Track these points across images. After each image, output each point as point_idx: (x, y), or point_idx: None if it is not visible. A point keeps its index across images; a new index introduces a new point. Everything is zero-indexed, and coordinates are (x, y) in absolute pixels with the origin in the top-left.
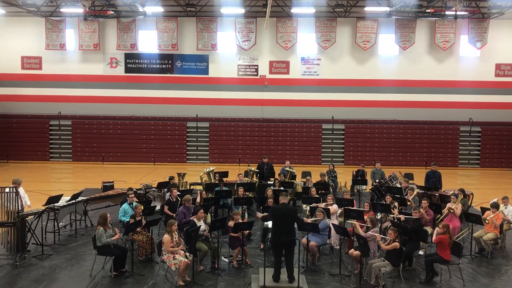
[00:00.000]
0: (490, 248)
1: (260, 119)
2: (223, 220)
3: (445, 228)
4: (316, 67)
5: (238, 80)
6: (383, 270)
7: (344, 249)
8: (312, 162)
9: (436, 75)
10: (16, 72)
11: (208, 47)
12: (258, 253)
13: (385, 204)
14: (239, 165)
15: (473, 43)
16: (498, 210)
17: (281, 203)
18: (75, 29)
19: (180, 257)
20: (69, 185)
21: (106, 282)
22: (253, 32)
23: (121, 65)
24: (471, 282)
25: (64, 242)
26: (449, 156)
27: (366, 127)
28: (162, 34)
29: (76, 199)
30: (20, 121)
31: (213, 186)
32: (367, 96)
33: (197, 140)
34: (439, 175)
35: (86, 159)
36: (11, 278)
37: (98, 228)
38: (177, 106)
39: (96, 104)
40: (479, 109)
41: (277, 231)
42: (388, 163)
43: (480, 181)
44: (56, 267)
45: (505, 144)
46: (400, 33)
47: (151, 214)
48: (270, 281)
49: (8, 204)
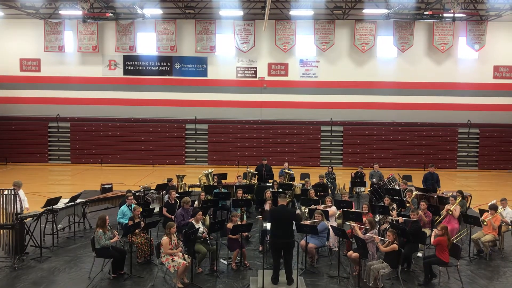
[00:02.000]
0: (489, 250)
1: (259, 121)
2: (221, 222)
3: (443, 230)
4: (314, 69)
5: (236, 82)
6: (382, 272)
7: (343, 251)
8: (311, 164)
9: (434, 77)
10: (15, 74)
11: (207, 49)
12: (256, 255)
13: (383, 206)
14: (237, 167)
15: (471, 45)
16: (497, 212)
17: (280, 205)
18: (73, 31)
19: (179, 259)
20: (68, 187)
21: (104, 284)
22: (251, 34)
23: (119, 67)
24: (470, 284)
25: (62, 244)
26: (447, 158)
27: (365, 129)
28: (161, 36)
29: (75, 201)
30: (19, 123)
31: (211, 188)
32: (365, 98)
33: (196, 142)
34: (437, 176)
35: (85, 161)
36: (9, 280)
37: (96, 230)
38: (175, 108)
39: (95, 106)
40: (477, 111)
41: (275, 233)
42: (387, 165)
43: (478, 183)
44: (55, 269)
45: (503, 146)
46: (398, 35)
47: (149, 216)
48: (268, 283)
49: (6, 206)
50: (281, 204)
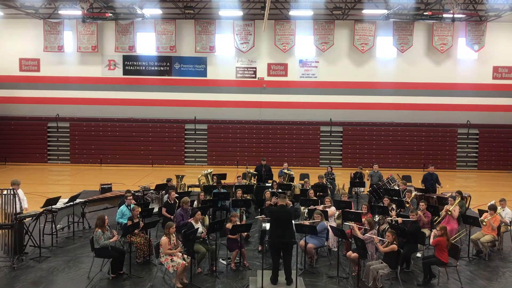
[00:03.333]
0: (488, 250)
1: (258, 121)
2: (221, 222)
3: (443, 230)
4: (314, 69)
5: (236, 82)
6: (381, 272)
7: (342, 251)
8: (310, 164)
9: (434, 77)
10: (14, 74)
11: (206, 49)
12: (256, 255)
13: (383, 206)
14: (237, 167)
15: (470, 45)
16: (496, 212)
17: (279, 205)
18: (73, 31)
19: (178, 259)
20: (67, 187)
21: (104, 284)
22: (251, 35)
23: (119, 67)
24: (469, 284)
25: (62, 244)
26: (447, 159)
27: (364, 129)
28: (160, 37)
29: (74, 201)
30: (18, 123)
31: (211, 188)
32: (365, 98)
33: (195, 142)
34: (436, 177)
35: (84, 161)
36: (9, 280)
37: (96, 230)
38: (175, 108)
39: (94, 106)
40: (476, 112)
41: (274, 233)
42: (386, 165)
43: (477, 183)
44: (54, 269)
45: (503, 147)
46: (398, 35)
47: (149, 216)
48: (268, 283)
49: (6, 206)
50: (281, 204)
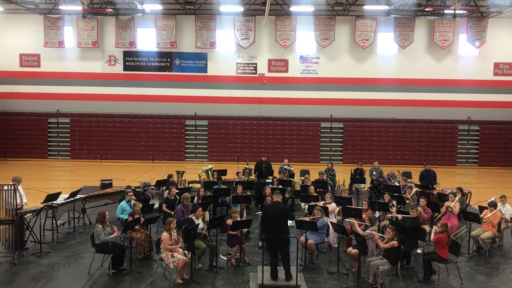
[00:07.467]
0: (488, 246)
1: (259, 117)
2: (221, 218)
3: (443, 227)
4: (315, 65)
5: (236, 78)
6: (381, 268)
7: (342, 247)
8: (311, 160)
9: (435, 74)
10: (14, 70)
11: (207, 45)
12: (256, 251)
13: (383, 203)
14: (237, 163)
15: (471, 42)
16: (496, 209)
17: (274, 201)
18: (73, 26)
19: (179, 255)
20: (68, 183)
21: (104, 280)
22: (252, 30)
23: (119, 63)
24: (469, 280)
25: (62, 240)
26: (447, 155)
27: (365, 126)
28: (160, 32)
29: (75, 197)
30: (19, 119)
31: (211, 184)
32: (365, 94)
33: (196, 138)
34: (433, 173)
35: (85, 157)
36: (9, 276)
37: (96, 226)
38: (175, 104)
39: (95, 102)
40: (477, 108)
41: (270, 230)
42: (387, 162)
43: (478, 179)
44: (55, 265)
45: (503, 143)
46: (399, 31)
47: (149, 212)
48: (268, 279)
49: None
50: (276, 200)
